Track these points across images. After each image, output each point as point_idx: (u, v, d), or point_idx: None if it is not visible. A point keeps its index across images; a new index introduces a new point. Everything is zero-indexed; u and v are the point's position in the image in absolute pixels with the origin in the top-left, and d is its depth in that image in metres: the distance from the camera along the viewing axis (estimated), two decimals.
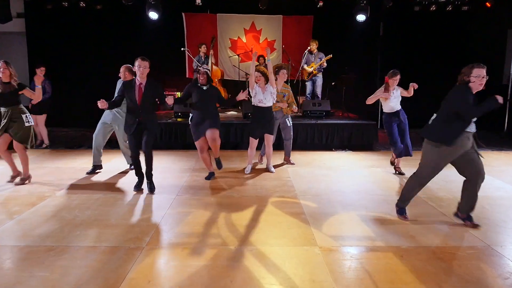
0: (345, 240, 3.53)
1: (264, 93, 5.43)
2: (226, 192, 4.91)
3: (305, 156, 7.07)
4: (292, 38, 10.21)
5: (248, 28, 10.34)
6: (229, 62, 10.26)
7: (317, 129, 7.66)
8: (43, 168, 5.98)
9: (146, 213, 4.18)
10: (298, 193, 4.88)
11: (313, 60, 8.58)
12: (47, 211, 4.17)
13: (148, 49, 9.52)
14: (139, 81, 4.60)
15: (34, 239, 3.48)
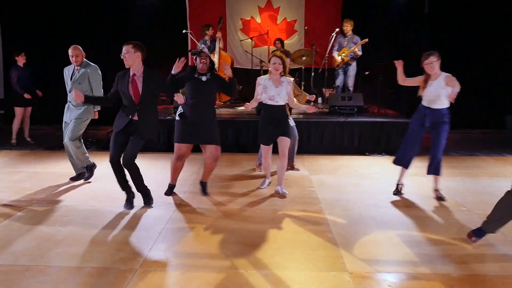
0: (381, 265, 3.49)
1: (278, 87, 5.05)
2: (236, 204, 4.91)
3: (332, 161, 7.04)
4: (317, 17, 10.20)
5: (263, 6, 10.37)
6: (240, 47, 10.30)
7: (346, 129, 7.62)
8: (19, 173, 6.07)
9: (140, 228, 4.20)
10: (323, 207, 4.85)
11: (346, 44, 8.54)
12: (23, 225, 4.21)
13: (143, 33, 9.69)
14: (131, 71, 4.48)
15: (7, 257, 3.52)
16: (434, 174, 5.19)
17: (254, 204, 4.92)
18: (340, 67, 8.73)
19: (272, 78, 5.07)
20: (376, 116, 8.13)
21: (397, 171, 6.35)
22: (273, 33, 10.07)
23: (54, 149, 7.71)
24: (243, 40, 10.22)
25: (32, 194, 5.17)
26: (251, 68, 9.85)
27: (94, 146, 7.87)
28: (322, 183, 5.81)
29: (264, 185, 5.48)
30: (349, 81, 8.73)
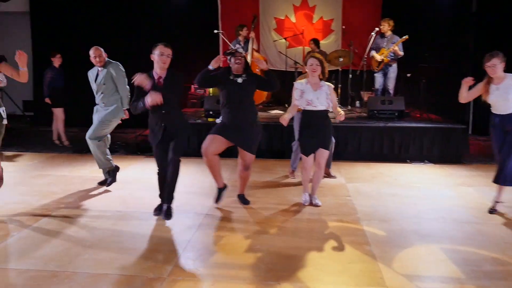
0: (423, 281, 3.43)
1: (316, 91, 4.91)
2: (269, 212, 4.92)
3: (370, 168, 6.96)
4: (356, 16, 10.13)
5: (298, 4, 10.37)
6: (273, 47, 10.32)
7: (386, 134, 7.52)
8: (46, 177, 6.26)
9: (168, 235, 4.27)
10: (360, 217, 4.81)
11: (385, 45, 8.44)
12: (51, 229, 4.35)
13: (173, 32, 9.84)
14: (157, 74, 4.47)
15: (35, 261, 3.63)
16: (504, 185, 4.84)
17: (287, 213, 4.92)
18: (380, 69, 8.62)
19: (310, 81, 4.95)
20: (419, 121, 8.00)
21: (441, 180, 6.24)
22: (308, 33, 10.04)
23: (81, 152, 7.90)
24: (277, 40, 10.24)
25: (60, 198, 5.32)
26: (285, 70, 9.83)
27: (122, 149, 8.04)
28: (359, 192, 5.75)
29: (305, 201, 5.18)
30: (389, 84, 8.61)
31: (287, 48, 9.76)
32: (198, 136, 7.68)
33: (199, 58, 10.19)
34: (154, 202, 4.79)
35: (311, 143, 4.97)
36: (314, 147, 4.97)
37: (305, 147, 5.04)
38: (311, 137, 4.95)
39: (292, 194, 5.60)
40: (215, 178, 5.02)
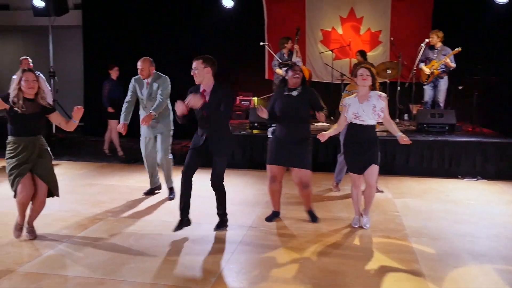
0: None
1: (362, 103, 4.64)
2: (314, 226, 4.87)
3: (419, 183, 6.79)
4: (404, 27, 9.96)
5: (345, 16, 10.31)
6: (319, 59, 10.28)
7: (436, 149, 7.32)
8: (95, 186, 6.44)
9: (212, 247, 4.29)
10: (409, 233, 4.69)
11: (435, 57, 8.26)
12: (99, 237, 4.47)
13: (219, 44, 9.98)
14: (202, 87, 4.50)
15: (83, 269, 3.74)
16: None
17: (332, 227, 4.85)
18: (429, 81, 8.42)
19: (358, 93, 4.70)
20: (471, 136, 7.75)
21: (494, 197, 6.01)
22: (355, 45, 9.95)
23: (129, 162, 8.11)
24: (323, 52, 10.19)
25: (108, 207, 5.45)
26: (331, 82, 9.79)
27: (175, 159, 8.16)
28: (408, 207, 5.61)
29: (356, 223, 4.86)
30: (440, 97, 8.39)
31: (333, 60, 9.71)
32: (243, 148, 7.75)
33: (245, 70, 10.38)
34: (200, 213, 4.83)
35: (358, 160, 4.69)
36: (363, 166, 4.67)
37: (352, 165, 4.80)
38: (359, 154, 4.67)
39: (337, 208, 5.53)
40: (273, 202, 5.04)
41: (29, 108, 4.16)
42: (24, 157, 4.17)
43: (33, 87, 4.16)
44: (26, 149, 4.19)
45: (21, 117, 4.14)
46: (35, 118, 4.25)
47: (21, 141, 4.20)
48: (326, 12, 10.36)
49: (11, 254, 4.02)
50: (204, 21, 10.13)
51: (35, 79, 4.17)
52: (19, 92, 4.13)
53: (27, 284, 3.48)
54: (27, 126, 4.22)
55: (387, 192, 6.28)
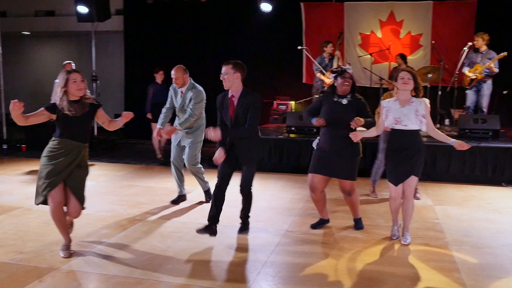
0: None
1: (404, 107, 4.37)
2: (350, 231, 4.83)
3: (460, 191, 6.62)
4: (446, 31, 9.75)
5: (385, 19, 10.18)
6: (358, 63, 10.17)
7: (479, 155, 7.12)
8: (134, 187, 6.58)
9: (249, 250, 4.32)
10: (449, 242, 4.57)
11: (479, 60, 8.04)
12: (137, 237, 4.56)
13: (257, 48, 10.05)
14: (230, 93, 4.46)
15: (122, 268, 3.82)
16: None
17: (370, 234, 4.79)
18: (472, 86, 8.21)
19: (399, 97, 4.40)
20: None
21: None
22: (395, 48, 9.80)
23: (167, 165, 8.23)
24: (362, 56, 10.09)
25: (146, 208, 5.56)
26: (369, 86, 9.67)
27: (205, 163, 8.25)
28: (448, 215, 5.47)
29: (395, 235, 4.63)
30: (483, 102, 8.16)
31: (372, 63, 9.58)
32: (280, 151, 7.75)
33: (282, 74, 10.41)
34: (235, 216, 4.85)
35: (400, 171, 4.39)
36: (404, 176, 4.37)
37: (393, 175, 4.47)
38: (400, 164, 4.37)
39: (375, 214, 5.46)
40: (320, 211, 4.94)
41: (78, 110, 3.93)
42: (63, 162, 3.90)
43: (82, 88, 3.93)
44: (69, 154, 3.93)
45: (71, 120, 3.91)
46: (86, 120, 4.02)
47: (67, 145, 3.94)
48: (365, 16, 10.26)
49: (55, 253, 4.15)
50: (242, 25, 10.21)
51: (82, 79, 3.95)
52: (64, 95, 3.90)
53: (69, 282, 3.59)
54: (76, 130, 3.97)
55: (427, 198, 6.16)
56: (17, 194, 6.13)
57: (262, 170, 7.44)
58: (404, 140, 4.36)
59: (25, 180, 6.98)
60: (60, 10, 12.12)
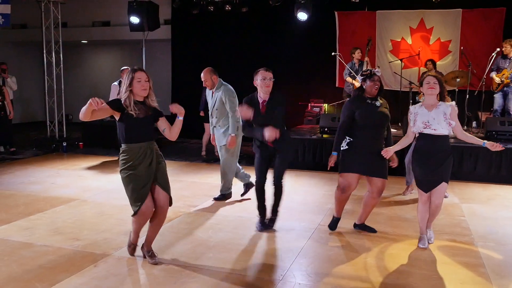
0: None
1: (431, 111, 4.04)
2: (380, 226, 4.77)
3: (486, 190, 6.43)
4: (474, 37, 9.48)
5: (415, 26, 9.98)
6: (389, 68, 10.03)
7: (505, 156, 6.89)
8: (179, 182, 6.70)
9: (283, 242, 4.34)
10: (475, 238, 4.46)
11: (507, 66, 7.80)
12: (182, 228, 4.66)
13: (294, 54, 10.05)
14: (261, 98, 4.44)
15: (167, 256, 3.91)
16: None
17: (399, 228, 4.73)
18: (500, 90, 7.96)
19: (425, 103, 4.09)
20: None
21: None
22: (424, 54, 9.61)
23: (209, 162, 8.36)
24: (392, 61, 9.93)
25: (190, 201, 5.66)
26: (399, 90, 9.51)
27: (244, 161, 8.33)
28: (474, 212, 5.33)
29: (424, 244, 4.20)
30: (510, 105, 7.90)
31: (402, 69, 9.42)
32: (313, 151, 7.74)
33: (317, 78, 10.37)
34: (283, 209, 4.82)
35: (429, 178, 4.04)
36: (434, 183, 4.04)
37: (422, 182, 4.11)
38: (430, 170, 4.00)
39: (404, 211, 5.37)
40: (338, 209, 4.61)
41: (141, 111, 3.58)
42: (142, 167, 3.57)
43: (146, 88, 3.59)
44: (145, 156, 3.58)
45: (135, 121, 3.54)
46: (149, 122, 3.65)
47: (138, 148, 3.56)
48: (396, 23, 10.09)
49: (108, 240, 4.29)
50: (280, 33, 10.23)
51: (147, 79, 3.60)
52: (130, 95, 3.56)
53: (120, 267, 3.71)
54: (142, 131, 3.60)
55: (454, 196, 6.01)
56: (74, 187, 6.35)
57: (296, 168, 7.47)
58: (432, 144, 4.00)
59: (82, 175, 7.22)
60: (115, 20, 12.43)
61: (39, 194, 5.94)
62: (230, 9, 10.06)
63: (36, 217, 4.96)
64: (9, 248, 4.07)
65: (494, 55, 7.91)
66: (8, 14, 8.98)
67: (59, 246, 4.12)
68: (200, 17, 10.70)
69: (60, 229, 4.60)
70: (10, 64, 10.22)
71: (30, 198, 5.78)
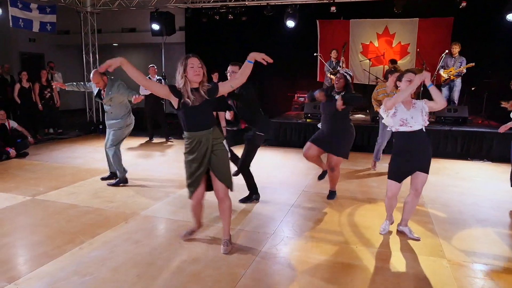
0: (478, 257, 3.13)
1: (410, 110, 3.31)
2: (351, 193, 4.80)
3: (436, 163, 6.43)
4: (428, 41, 9.38)
5: (381, 32, 9.85)
6: (359, 66, 9.95)
7: (451, 136, 6.90)
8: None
9: (273, 206, 4.32)
10: (426, 201, 4.49)
11: (453, 64, 7.74)
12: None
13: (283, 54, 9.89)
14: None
15: (183, 216, 3.92)
16: None
17: (366, 194, 4.76)
18: (446, 84, 7.93)
19: (405, 99, 3.30)
20: (480, 127, 7.22)
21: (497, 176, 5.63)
22: (388, 55, 9.53)
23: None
24: (362, 60, 9.85)
25: None
26: (368, 84, 9.47)
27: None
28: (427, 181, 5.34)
29: (384, 230, 3.59)
30: (455, 96, 7.87)
31: (370, 66, 9.36)
32: (299, 132, 7.72)
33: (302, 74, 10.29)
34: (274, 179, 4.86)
35: (404, 167, 3.34)
36: (409, 172, 3.36)
37: (395, 171, 3.37)
38: (406, 162, 3.32)
39: (370, 180, 5.39)
40: (319, 165, 4.51)
41: (197, 98, 2.93)
42: (199, 154, 2.99)
43: (199, 74, 2.93)
44: (200, 144, 2.97)
45: (191, 110, 2.93)
46: (205, 110, 2.97)
47: (195, 136, 2.97)
48: (365, 30, 9.96)
49: (137, 202, 4.30)
50: (272, 37, 10.08)
51: (200, 65, 2.96)
52: (186, 81, 2.93)
53: (146, 224, 3.73)
54: (198, 120, 2.96)
55: None
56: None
57: (285, 145, 7.46)
58: (410, 141, 3.30)
59: None
60: (140, 27, 12.25)
61: (82, 166, 5.93)
62: (232, 18, 9.91)
63: (79, 184, 4.96)
64: (59, 208, 4.08)
65: (443, 55, 7.86)
66: (54, 22, 8.88)
67: (97, 207, 4.13)
68: (208, 24, 10.52)
69: (98, 194, 4.60)
70: (56, 63, 10.09)
71: (75, 169, 5.77)
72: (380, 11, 9.47)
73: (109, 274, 2.79)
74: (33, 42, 12.80)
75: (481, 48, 8.37)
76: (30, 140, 7.01)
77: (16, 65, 11.57)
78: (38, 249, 3.15)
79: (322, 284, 2.70)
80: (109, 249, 3.16)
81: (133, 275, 2.77)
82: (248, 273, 2.82)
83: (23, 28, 8.22)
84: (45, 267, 2.87)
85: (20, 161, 6.30)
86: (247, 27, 10.28)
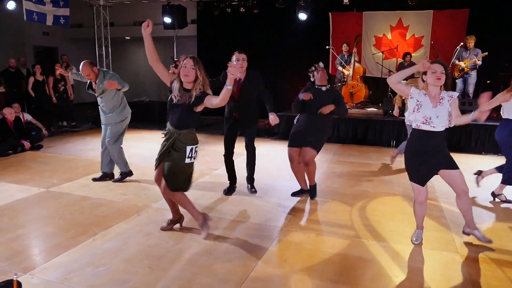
0: (494, 253, 3.08)
1: (436, 107, 2.92)
2: (362, 186, 4.76)
3: None
4: (443, 33, 9.18)
5: (394, 24, 9.68)
6: (372, 59, 9.80)
7: (465, 131, 6.77)
8: (203, 150, 6.68)
9: (280, 198, 4.30)
10: (438, 195, 4.43)
11: (468, 56, 7.59)
12: (205, 186, 4.68)
13: (295, 47, 9.84)
14: (238, 76, 4.00)
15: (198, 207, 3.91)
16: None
17: (377, 188, 4.71)
18: (461, 76, 7.77)
19: (430, 93, 2.96)
20: (495, 121, 7.06)
21: None
22: (401, 47, 9.36)
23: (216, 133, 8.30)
24: (375, 53, 9.70)
25: (211, 166, 5.66)
26: (380, 77, 9.35)
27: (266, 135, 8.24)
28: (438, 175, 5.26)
29: (417, 239, 3.21)
30: (470, 89, 7.72)
31: (383, 59, 9.22)
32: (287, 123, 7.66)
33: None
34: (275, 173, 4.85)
35: (422, 170, 3.03)
36: (427, 175, 3.06)
37: (415, 174, 3.06)
38: (426, 163, 3.01)
39: (381, 174, 5.33)
40: (298, 181, 4.30)
41: (182, 98, 2.98)
42: (165, 142, 3.11)
43: (188, 75, 2.94)
44: (168, 139, 3.10)
45: (172, 106, 3.03)
46: (183, 111, 2.99)
47: (169, 128, 3.10)
48: (379, 22, 9.80)
49: (148, 195, 4.34)
50: (284, 30, 10.02)
51: (193, 67, 2.96)
52: (178, 79, 3.03)
53: (157, 215, 3.75)
54: (174, 117, 3.05)
55: None
56: None
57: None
58: (430, 141, 2.98)
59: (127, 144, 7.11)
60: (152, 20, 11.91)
61: (95, 159, 5.99)
62: (244, 11, 9.85)
63: (92, 177, 5.01)
64: (72, 200, 4.14)
65: (458, 48, 7.71)
66: (68, 16, 8.91)
67: (110, 199, 4.18)
68: (220, 18, 10.50)
69: (111, 186, 4.65)
70: (69, 56, 10.19)
71: (88, 161, 5.84)
72: (393, 3, 9.30)
73: (122, 265, 2.82)
74: (47, 36, 12.94)
75: (497, 41, 8.15)
76: (45, 132, 7.11)
77: (30, 59, 11.71)
78: (52, 240, 3.20)
79: (333, 277, 2.69)
80: (122, 241, 3.20)
81: (145, 267, 2.80)
82: (260, 266, 2.82)
83: (37, 21, 8.29)
84: (59, 258, 2.92)
85: (34, 154, 6.40)
86: (259, 20, 10.21)
